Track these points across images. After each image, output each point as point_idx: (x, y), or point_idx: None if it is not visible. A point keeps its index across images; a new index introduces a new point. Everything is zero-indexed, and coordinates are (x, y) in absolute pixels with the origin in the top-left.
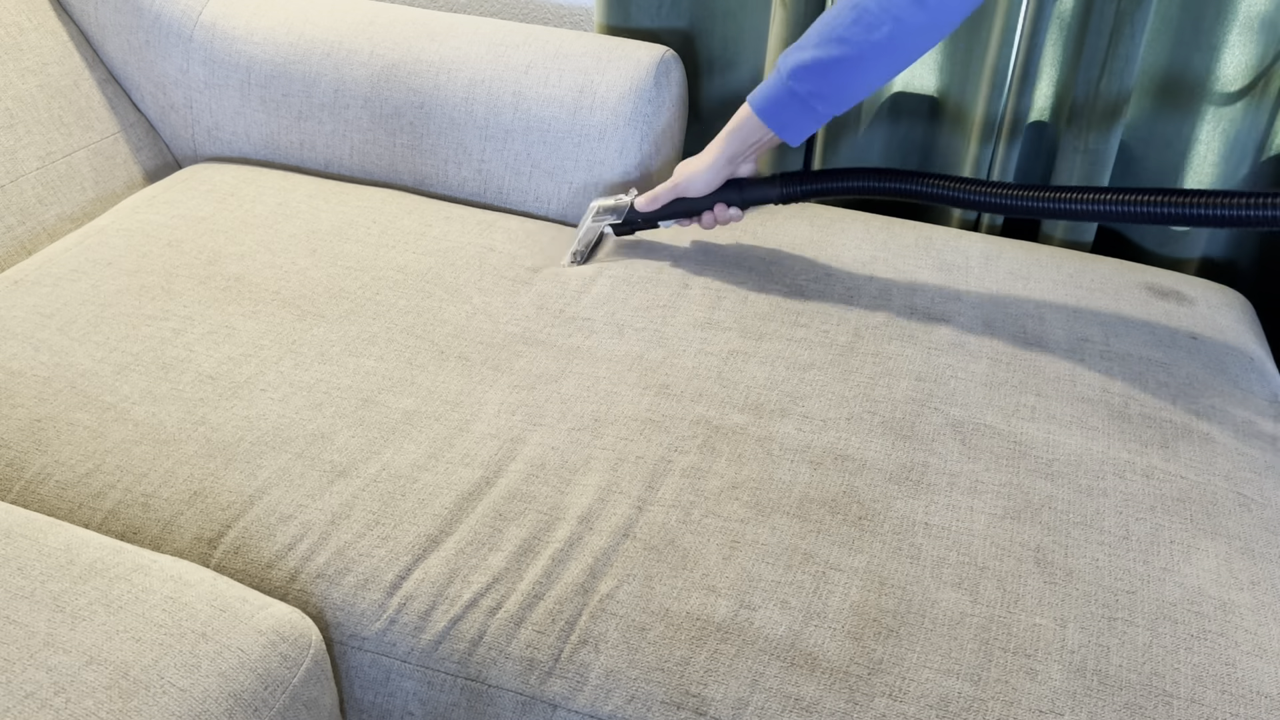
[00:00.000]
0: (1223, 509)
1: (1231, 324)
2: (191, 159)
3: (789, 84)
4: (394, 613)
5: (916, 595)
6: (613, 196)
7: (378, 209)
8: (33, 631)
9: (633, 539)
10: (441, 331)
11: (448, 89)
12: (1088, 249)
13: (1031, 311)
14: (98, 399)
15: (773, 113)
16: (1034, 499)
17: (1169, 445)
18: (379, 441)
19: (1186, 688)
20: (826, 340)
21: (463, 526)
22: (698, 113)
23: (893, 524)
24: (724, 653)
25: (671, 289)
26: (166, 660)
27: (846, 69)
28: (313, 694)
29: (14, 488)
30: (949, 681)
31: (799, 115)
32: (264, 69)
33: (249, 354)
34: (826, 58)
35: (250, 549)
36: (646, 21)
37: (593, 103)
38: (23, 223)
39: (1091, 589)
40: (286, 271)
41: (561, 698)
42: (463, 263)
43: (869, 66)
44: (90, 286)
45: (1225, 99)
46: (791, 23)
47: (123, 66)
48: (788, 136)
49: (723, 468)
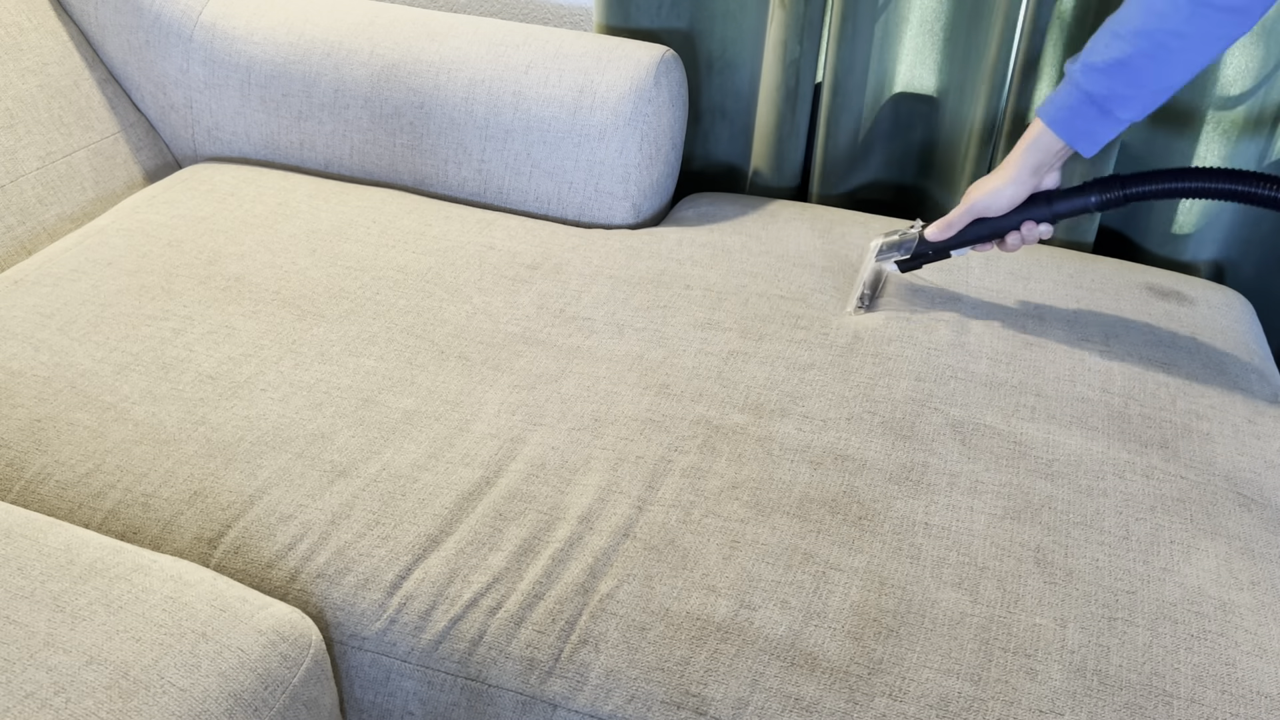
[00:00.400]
0: (1223, 509)
1: (1231, 324)
2: (191, 159)
3: (1082, 86)
4: (394, 612)
5: (916, 595)
6: (896, 232)
7: (378, 209)
8: (33, 631)
9: (633, 539)
10: (441, 331)
11: (448, 89)
12: (1088, 249)
13: (1032, 311)
14: (98, 399)
15: (1065, 123)
16: (1034, 499)
17: (1169, 445)
18: (379, 441)
19: (1186, 688)
20: (826, 340)
21: (463, 526)
22: (698, 113)
23: (893, 524)
24: (724, 652)
25: (671, 289)
26: (166, 660)
27: (1146, 63)
28: (313, 694)
29: (14, 488)
30: (949, 681)
31: (1094, 122)
32: (264, 69)
33: (249, 354)
34: (1122, 55)
35: (250, 549)
36: (646, 21)
37: (593, 103)
38: (23, 223)
39: (1091, 589)
40: (286, 271)
41: (561, 697)
42: (462, 262)
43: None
44: (90, 286)
45: (1226, 104)
46: (791, 23)
47: (123, 66)
48: (1082, 148)
49: (723, 468)
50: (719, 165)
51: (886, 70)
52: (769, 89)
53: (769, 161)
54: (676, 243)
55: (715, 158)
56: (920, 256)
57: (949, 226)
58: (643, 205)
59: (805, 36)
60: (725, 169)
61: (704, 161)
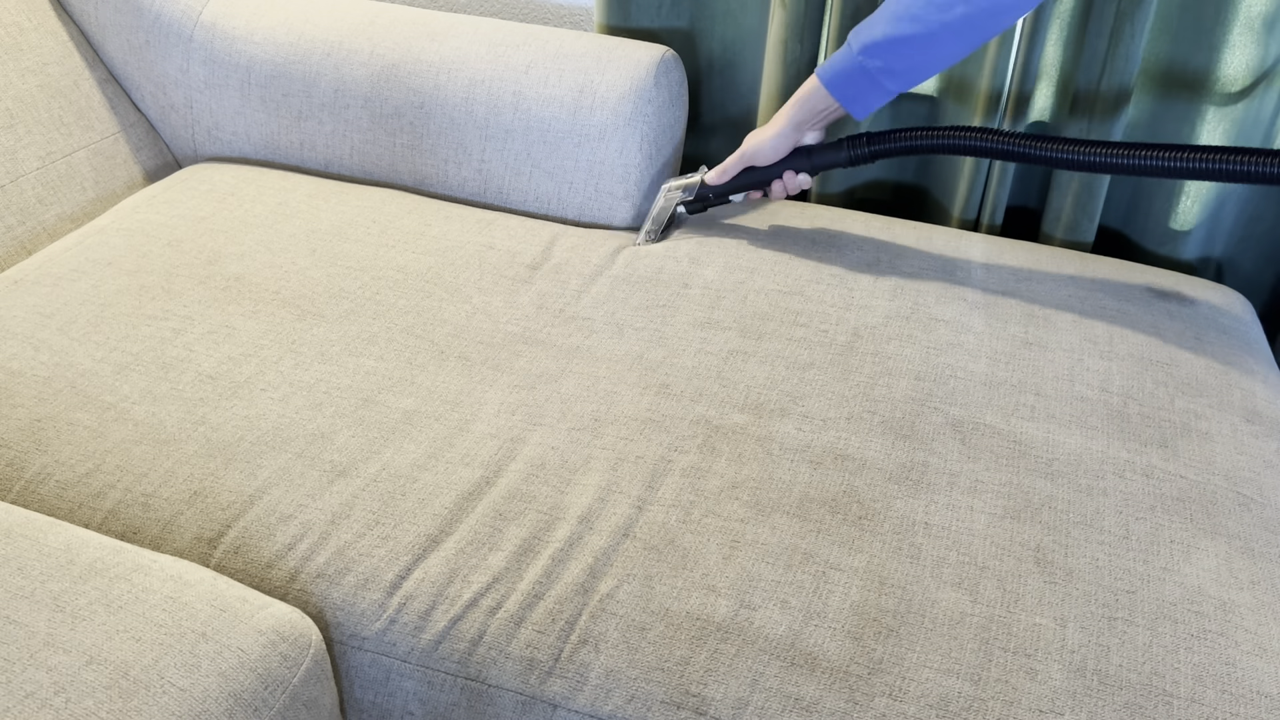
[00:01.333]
0: (1223, 509)
1: (1231, 324)
2: (191, 159)
3: (859, 59)
4: (394, 612)
5: (916, 595)
6: (684, 176)
7: (378, 209)
8: (33, 631)
9: (633, 539)
10: (441, 331)
11: (448, 89)
12: (1088, 249)
13: (1031, 311)
14: (98, 399)
15: (840, 85)
16: (1034, 499)
17: (1169, 445)
18: (379, 441)
19: (1186, 687)
20: (826, 340)
21: (463, 526)
22: (698, 113)
23: (893, 524)
24: (724, 652)
25: (671, 289)
26: (166, 660)
27: (917, 46)
28: (313, 694)
29: (14, 488)
30: (949, 681)
31: (866, 90)
32: (264, 69)
33: (249, 354)
34: (898, 35)
35: (250, 549)
36: (646, 21)
37: (593, 103)
38: (23, 223)
39: (1091, 589)
40: (286, 271)
41: (561, 697)
42: (462, 262)
43: (940, 45)
44: (90, 286)
45: (1226, 99)
46: (791, 23)
47: (123, 66)
48: (854, 110)
49: (723, 467)
50: None
51: None
52: (770, 89)
53: None
54: (676, 242)
55: (715, 158)
56: (702, 199)
57: (724, 172)
58: (643, 205)
59: (806, 36)
60: None
61: (704, 161)
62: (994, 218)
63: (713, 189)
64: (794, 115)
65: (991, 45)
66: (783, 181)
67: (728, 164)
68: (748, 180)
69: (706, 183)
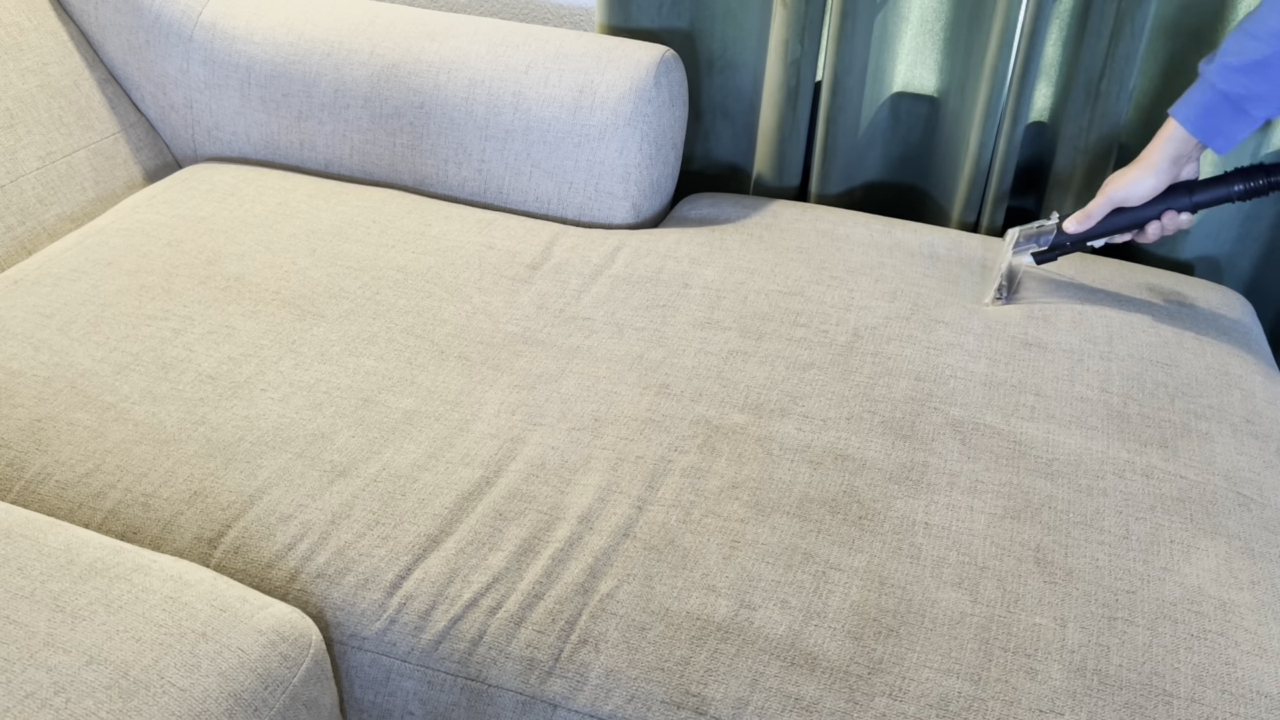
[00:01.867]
0: (1223, 509)
1: (1231, 324)
2: (191, 159)
3: (1218, 86)
4: (394, 612)
5: (916, 595)
6: (1034, 224)
7: (378, 209)
8: (33, 631)
9: (633, 539)
10: (441, 331)
11: (448, 89)
12: (1087, 249)
13: (1031, 311)
14: (98, 399)
15: (1197, 120)
16: (1034, 499)
17: (1169, 445)
18: (379, 441)
19: (1186, 687)
20: (826, 340)
21: (463, 526)
22: (698, 113)
23: (893, 524)
24: (724, 652)
25: (671, 289)
26: (166, 660)
27: None
28: (313, 694)
29: (14, 488)
30: (949, 681)
31: (1228, 120)
32: (264, 69)
33: (249, 354)
34: (1259, 56)
35: (250, 549)
36: (646, 21)
37: (593, 103)
38: (23, 223)
39: (1091, 589)
40: (286, 271)
41: (561, 697)
42: (462, 262)
43: None
44: (90, 286)
45: None
46: (792, 22)
47: (123, 66)
48: (1215, 144)
49: (723, 467)
50: (719, 165)
51: (886, 70)
52: (771, 88)
53: (770, 161)
54: (676, 242)
55: (716, 158)
56: (1057, 248)
57: (1088, 218)
58: (643, 205)
59: (806, 36)
60: (726, 169)
61: (704, 161)
62: (994, 218)
63: (1072, 237)
64: (1167, 151)
65: (991, 45)
66: (1160, 222)
67: (1092, 209)
68: (1118, 224)
69: (1065, 230)
